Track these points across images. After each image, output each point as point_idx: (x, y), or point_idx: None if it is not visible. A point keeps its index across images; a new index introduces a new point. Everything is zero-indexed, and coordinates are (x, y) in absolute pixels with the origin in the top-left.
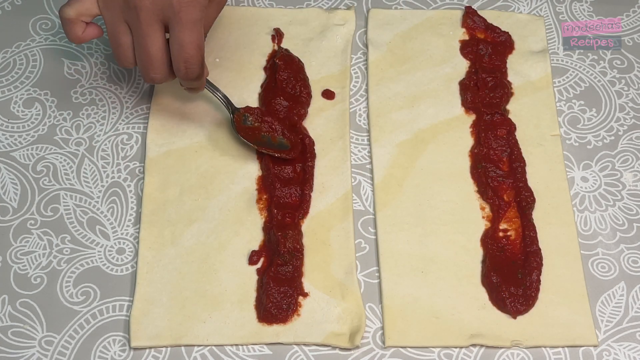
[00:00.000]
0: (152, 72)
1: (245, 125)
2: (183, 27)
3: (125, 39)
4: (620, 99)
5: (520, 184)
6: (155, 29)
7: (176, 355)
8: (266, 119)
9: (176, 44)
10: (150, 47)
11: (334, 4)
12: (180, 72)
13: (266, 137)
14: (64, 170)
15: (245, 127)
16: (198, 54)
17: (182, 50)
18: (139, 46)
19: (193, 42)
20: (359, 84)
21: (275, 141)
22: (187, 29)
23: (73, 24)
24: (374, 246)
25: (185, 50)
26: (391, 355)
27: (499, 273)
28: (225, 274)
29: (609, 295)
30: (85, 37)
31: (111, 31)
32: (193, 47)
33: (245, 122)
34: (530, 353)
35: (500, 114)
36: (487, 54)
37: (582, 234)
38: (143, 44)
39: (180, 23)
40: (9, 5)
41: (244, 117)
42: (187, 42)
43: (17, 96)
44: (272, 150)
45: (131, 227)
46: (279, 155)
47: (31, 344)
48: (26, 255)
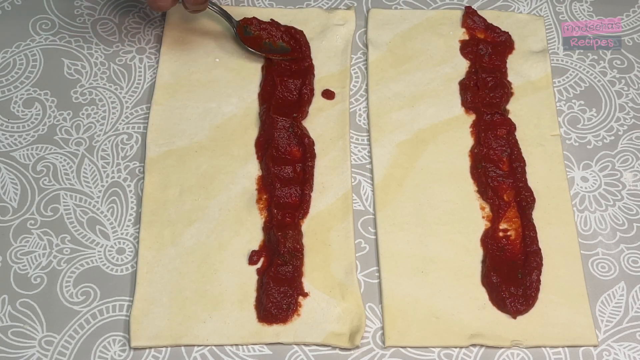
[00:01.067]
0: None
1: (247, 36)
2: None
3: None
4: (620, 99)
5: (520, 184)
6: None
7: (176, 355)
8: (264, 26)
9: None
10: None
11: (334, 4)
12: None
13: (268, 43)
14: (64, 170)
15: (247, 37)
16: None
17: None
18: None
19: None
20: (359, 84)
21: (276, 46)
22: None
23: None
24: (374, 246)
25: None
26: (391, 355)
27: (499, 273)
28: (225, 274)
29: (609, 295)
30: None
31: None
32: None
33: (247, 32)
34: (530, 353)
35: (500, 114)
36: (487, 54)
37: (582, 234)
38: None
39: None
40: (9, 5)
41: (244, 28)
42: None
43: (17, 96)
44: (277, 55)
45: (131, 227)
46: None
47: (31, 344)
48: (26, 255)
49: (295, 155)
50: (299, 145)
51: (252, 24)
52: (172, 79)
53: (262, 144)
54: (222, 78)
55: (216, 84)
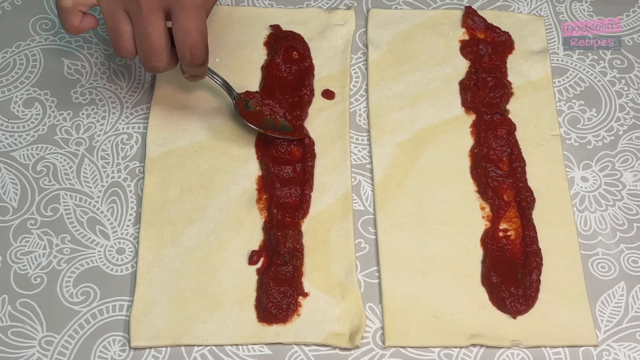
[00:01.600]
0: (153, 61)
1: (247, 110)
2: (186, 14)
3: (125, 27)
4: (620, 98)
5: (520, 184)
6: (157, 16)
7: (176, 355)
8: (267, 102)
9: (180, 31)
10: (152, 34)
11: (334, 4)
12: (186, 59)
13: (269, 120)
14: (64, 170)
15: (247, 112)
16: (203, 39)
17: (187, 37)
18: (139, 35)
19: (197, 27)
20: (359, 84)
21: (278, 124)
22: (191, 14)
23: (70, 13)
24: (374, 246)
25: (190, 36)
26: (391, 355)
27: (499, 273)
28: (225, 274)
29: (609, 295)
30: (82, 27)
31: (110, 20)
32: (198, 33)
33: (247, 106)
34: (530, 353)
35: (500, 114)
36: (487, 54)
37: (582, 234)
38: (144, 32)
39: (184, 9)
40: (9, 5)
41: (245, 101)
42: (191, 28)
43: (17, 96)
44: (278, 132)
45: (131, 227)
46: (284, 137)
47: (31, 344)
48: (26, 255)
49: (295, 155)
50: (299, 145)
51: (254, 97)
52: (172, 78)
53: (262, 144)
54: None
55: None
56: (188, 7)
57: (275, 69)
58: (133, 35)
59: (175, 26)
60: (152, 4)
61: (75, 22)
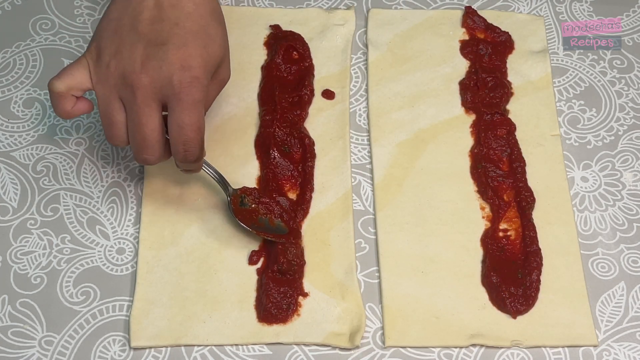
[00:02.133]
0: (145, 153)
1: (242, 207)
2: (183, 108)
3: (119, 117)
4: (620, 98)
5: (520, 184)
6: (152, 109)
7: (176, 355)
8: (264, 200)
9: (175, 126)
10: (145, 127)
11: (334, 4)
12: (179, 155)
13: (264, 220)
14: (64, 170)
15: (242, 209)
16: (198, 136)
17: (181, 132)
18: (132, 125)
19: (193, 123)
20: (359, 84)
21: (273, 224)
22: (188, 109)
23: (63, 98)
24: (374, 246)
25: (185, 132)
26: (391, 355)
27: (499, 273)
28: (225, 274)
29: (609, 295)
30: (75, 112)
31: (104, 107)
32: (193, 129)
33: (243, 204)
34: (530, 353)
35: (500, 114)
36: (487, 54)
37: (582, 233)
38: (138, 123)
39: (181, 104)
40: (9, 5)
41: (241, 198)
42: (187, 123)
43: (17, 96)
44: (271, 235)
45: (131, 227)
46: (277, 240)
47: (31, 344)
48: (26, 255)
49: (295, 156)
50: (299, 146)
51: (251, 194)
52: None
53: (262, 144)
54: None
55: None
56: (185, 101)
57: (275, 69)
58: (126, 124)
59: (171, 120)
60: (147, 94)
61: (67, 107)
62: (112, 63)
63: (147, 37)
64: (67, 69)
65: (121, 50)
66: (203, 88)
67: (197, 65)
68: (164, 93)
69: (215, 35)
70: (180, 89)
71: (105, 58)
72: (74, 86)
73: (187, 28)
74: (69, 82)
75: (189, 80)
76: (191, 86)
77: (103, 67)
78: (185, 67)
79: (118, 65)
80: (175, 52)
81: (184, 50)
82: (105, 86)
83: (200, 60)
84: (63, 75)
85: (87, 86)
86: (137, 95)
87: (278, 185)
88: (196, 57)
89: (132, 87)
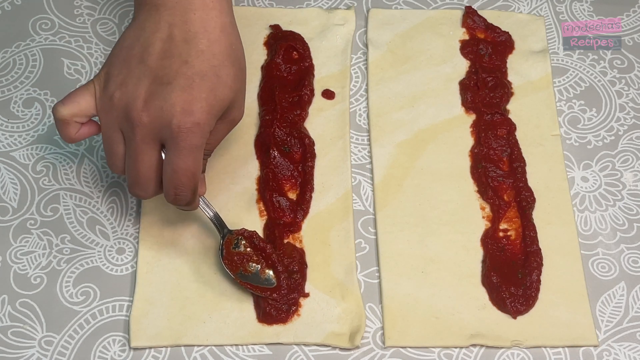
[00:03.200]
0: (137, 189)
1: (234, 250)
2: (179, 153)
3: (118, 148)
4: (620, 98)
5: (520, 184)
6: (150, 147)
7: (176, 355)
8: (262, 247)
9: (169, 168)
10: (140, 164)
11: (334, 4)
12: (169, 197)
13: (254, 267)
14: (64, 170)
15: (234, 252)
16: (191, 182)
17: (174, 176)
18: (129, 160)
19: (188, 169)
20: (359, 84)
21: (264, 275)
22: (184, 155)
23: (67, 125)
24: (374, 246)
25: (178, 176)
26: (391, 355)
27: (499, 273)
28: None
29: (609, 295)
30: (79, 137)
31: (106, 136)
32: (186, 175)
33: (236, 246)
34: (530, 353)
35: (500, 114)
36: (487, 54)
37: (582, 234)
38: (134, 159)
39: (177, 148)
40: (8, 5)
41: (236, 240)
42: (181, 168)
43: (17, 96)
44: (255, 287)
45: (131, 227)
46: (258, 293)
47: (31, 344)
48: (26, 255)
49: (295, 156)
50: (299, 146)
51: (249, 238)
52: None
53: (262, 144)
54: None
55: None
56: (183, 146)
57: (275, 68)
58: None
59: (165, 161)
60: (146, 134)
61: (71, 133)
62: (117, 94)
63: (154, 72)
64: (73, 94)
65: (127, 82)
66: (203, 134)
67: (200, 111)
68: (163, 134)
69: (227, 77)
70: (179, 134)
71: (111, 87)
72: (78, 113)
73: (195, 68)
74: (73, 110)
75: (188, 125)
76: (190, 132)
77: (108, 97)
78: (187, 112)
79: (122, 97)
80: (179, 94)
81: (189, 93)
82: (109, 116)
83: (205, 104)
84: (67, 101)
85: (91, 113)
86: (136, 133)
87: (278, 185)
88: (200, 100)
89: (132, 123)
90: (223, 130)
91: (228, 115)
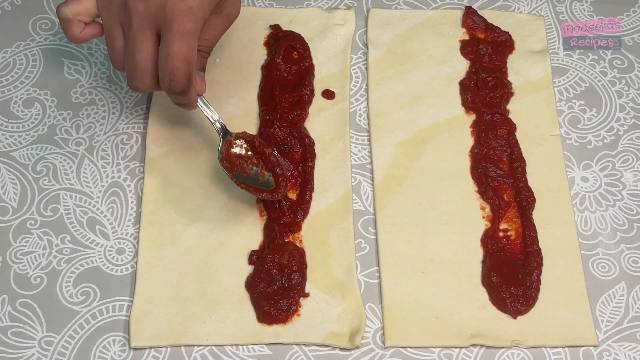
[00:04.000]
0: (134, 81)
1: (233, 153)
2: (173, 37)
3: (118, 42)
4: (620, 98)
5: (520, 184)
6: (146, 36)
7: (176, 355)
8: (262, 149)
9: (164, 54)
10: (136, 54)
11: (334, 4)
12: (164, 84)
13: (254, 170)
14: (64, 170)
15: (233, 154)
16: (185, 67)
17: (168, 61)
18: (127, 52)
19: (182, 53)
20: (359, 84)
21: (263, 177)
22: (177, 39)
23: (70, 24)
24: (374, 246)
25: (172, 61)
26: (391, 355)
27: (499, 273)
28: (225, 274)
29: (609, 295)
30: (84, 37)
31: (107, 32)
32: (180, 59)
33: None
34: (530, 353)
35: (500, 114)
36: (487, 54)
37: (582, 234)
38: (130, 50)
39: (171, 32)
40: (8, 5)
41: (237, 142)
42: (175, 52)
43: (17, 96)
44: (252, 188)
45: (131, 227)
46: (255, 193)
47: (31, 344)
48: (26, 255)
49: (295, 156)
50: (299, 146)
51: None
52: None
53: None
54: (222, 78)
55: (216, 84)
56: (176, 30)
57: (275, 68)
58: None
59: (161, 48)
60: (142, 21)
61: (76, 31)
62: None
63: None
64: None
65: None
66: (196, 19)
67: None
68: (158, 21)
69: None
70: (172, 17)
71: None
72: (81, 12)
73: None
74: (76, 8)
75: (182, 9)
76: (183, 15)
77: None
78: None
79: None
80: None
81: None
82: (109, 11)
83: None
84: (70, 1)
85: (94, 12)
86: (132, 22)
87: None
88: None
89: (129, 12)
90: (219, 26)
91: (223, 9)
